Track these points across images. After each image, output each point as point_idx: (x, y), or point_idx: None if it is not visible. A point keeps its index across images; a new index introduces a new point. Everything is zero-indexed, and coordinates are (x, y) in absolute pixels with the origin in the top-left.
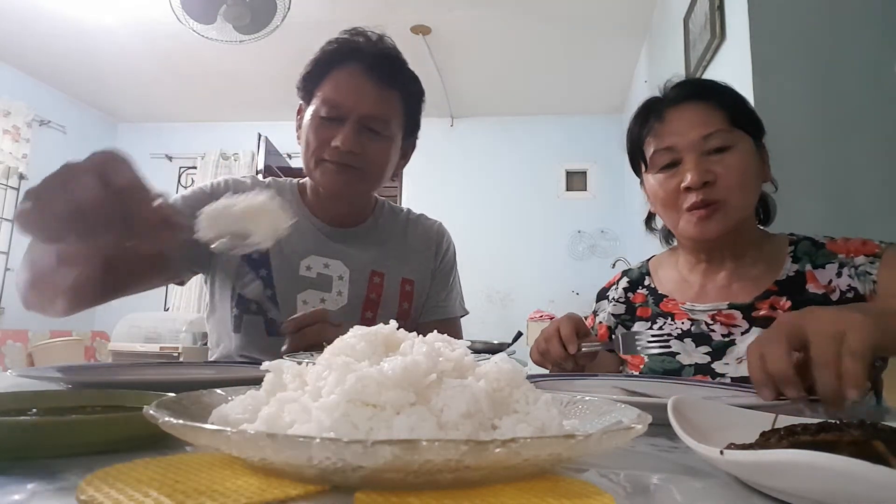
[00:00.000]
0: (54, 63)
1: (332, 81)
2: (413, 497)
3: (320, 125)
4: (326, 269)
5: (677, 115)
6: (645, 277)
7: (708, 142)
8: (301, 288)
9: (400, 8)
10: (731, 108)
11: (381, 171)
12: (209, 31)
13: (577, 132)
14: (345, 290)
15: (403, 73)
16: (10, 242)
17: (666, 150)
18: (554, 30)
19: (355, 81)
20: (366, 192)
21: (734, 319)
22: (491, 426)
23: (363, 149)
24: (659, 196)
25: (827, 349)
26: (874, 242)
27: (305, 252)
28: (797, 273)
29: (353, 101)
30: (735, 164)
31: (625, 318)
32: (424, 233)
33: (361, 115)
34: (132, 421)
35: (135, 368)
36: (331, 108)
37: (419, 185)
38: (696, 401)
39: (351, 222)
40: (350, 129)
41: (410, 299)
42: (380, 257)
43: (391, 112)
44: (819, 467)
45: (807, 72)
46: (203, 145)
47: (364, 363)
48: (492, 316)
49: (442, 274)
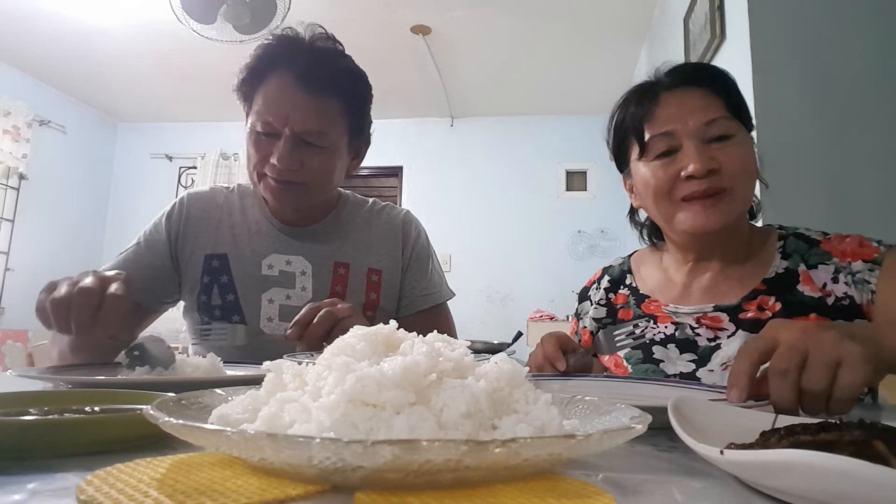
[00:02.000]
0: (54, 63)
1: (263, 93)
2: (413, 497)
3: (257, 140)
4: (288, 266)
5: (675, 100)
6: (626, 275)
7: (710, 129)
8: (265, 287)
9: (400, 8)
10: (728, 95)
11: (325, 180)
12: (209, 31)
13: (577, 132)
14: (308, 285)
15: (340, 77)
16: (11, 242)
17: (664, 136)
18: (554, 30)
19: (286, 93)
20: (313, 201)
21: (720, 322)
22: (491, 426)
23: (302, 163)
24: (651, 185)
25: (819, 380)
26: (872, 244)
27: (266, 252)
28: (787, 271)
29: (285, 117)
30: (738, 153)
31: (606, 321)
32: (389, 222)
33: (295, 130)
34: (132, 421)
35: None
36: (264, 123)
37: (419, 185)
38: (696, 401)
39: (312, 220)
40: (285, 146)
41: (378, 289)
42: (344, 248)
43: (328, 122)
44: (819, 467)
45: (807, 72)
46: (203, 145)
47: (364, 363)
48: (492, 316)
49: (417, 262)
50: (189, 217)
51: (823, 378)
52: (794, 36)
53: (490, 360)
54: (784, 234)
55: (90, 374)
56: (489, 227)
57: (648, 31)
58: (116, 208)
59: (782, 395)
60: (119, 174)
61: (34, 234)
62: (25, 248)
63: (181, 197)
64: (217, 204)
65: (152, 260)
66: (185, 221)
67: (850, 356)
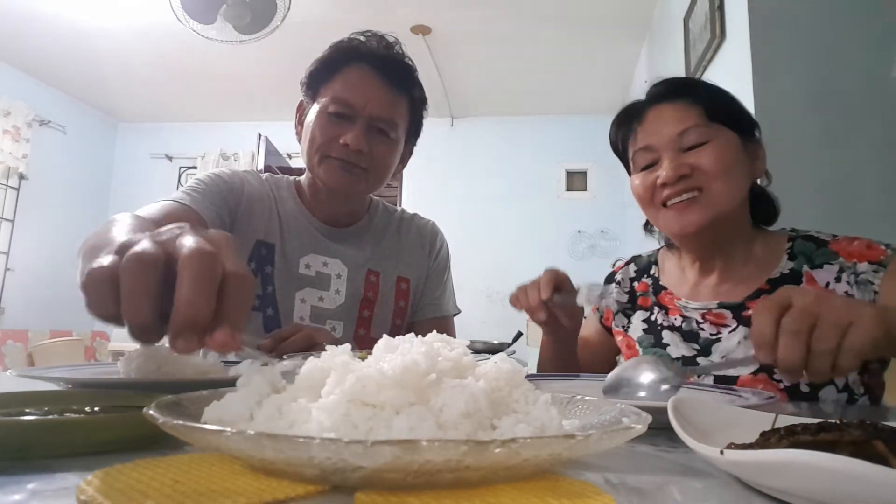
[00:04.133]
0: (54, 63)
1: (343, 79)
2: (413, 497)
3: (328, 122)
4: (325, 268)
5: (654, 116)
6: (652, 266)
7: (684, 138)
8: (299, 286)
9: (400, 8)
10: (707, 102)
11: (384, 172)
12: (209, 31)
13: (577, 132)
14: (342, 289)
15: (412, 79)
16: (11, 242)
17: (644, 150)
18: (554, 30)
19: (367, 82)
20: (366, 191)
21: (724, 319)
22: (490, 426)
23: (370, 149)
24: (638, 194)
25: (829, 338)
26: (880, 247)
27: (304, 250)
28: (792, 271)
29: (365, 101)
30: (712, 154)
31: (626, 306)
32: (418, 231)
33: (372, 115)
34: (132, 421)
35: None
36: (341, 105)
37: (419, 185)
38: (696, 401)
39: (347, 221)
40: (360, 129)
41: (406, 297)
42: (375, 256)
43: (399, 115)
44: (819, 467)
45: (807, 72)
46: (203, 145)
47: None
48: (492, 316)
49: (436, 272)
50: (252, 193)
51: (833, 337)
52: (794, 36)
53: (490, 360)
54: (794, 235)
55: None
56: (489, 226)
57: (648, 31)
58: (116, 208)
59: (791, 354)
60: (119, 174)
61: (34, 234)
62: (25, 248)
63: (234, 170)
64: (267, 189)
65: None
66: (247, 195)
67: (860, 318)
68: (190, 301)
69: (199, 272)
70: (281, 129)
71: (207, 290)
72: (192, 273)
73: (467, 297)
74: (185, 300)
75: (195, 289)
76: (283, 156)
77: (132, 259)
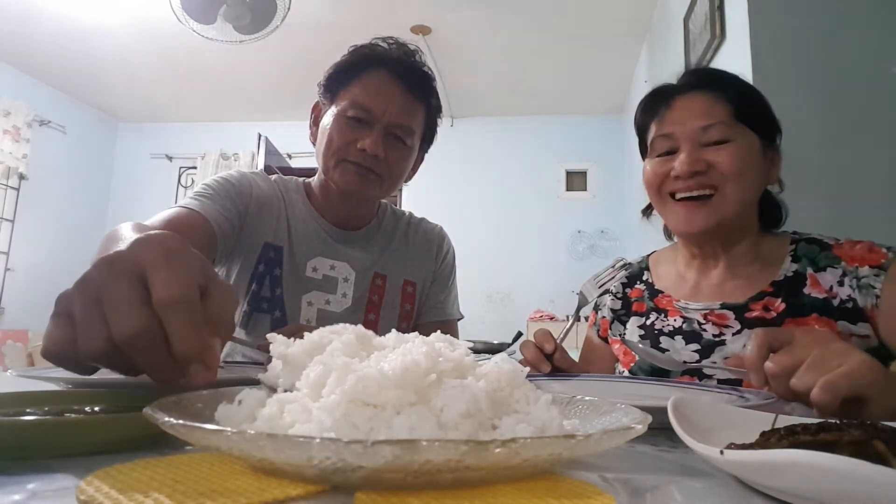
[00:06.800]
0: (54, 63)
1: (362, 84)
2: (413, 497)
3: (346, 125)
4: (332, 271)
5: (682, 104)
6: (644, 272)
7: (706, 133)
8: (306, 289)
9: (400, 8)
10: (737, 101)
11: (398, 178)
12: (209, 31)
13: (577, 132)
14: (349, 292)
15: (431, 88)
16: (11, 242)
17: (664, 137)
18: (554, 30)
19: (387, 87)
20: (379, 197)
21: (726, 320)
22: (491, 426)
23: (386, 155)
24: (648, 180)
25: (807, 379)
26: (881, 250)
27: (312, 253)
28: (796, 274)
29: (384, 107)
30: (731, 155)
31: (620, 312)
32: (425, 236)
33: (390, 122)
34: (132, 421)
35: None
36: (360, 110)
37: (419, 185)
38: (696, 401)
39: (356, 224)
40: (378, 134)
41: (412, 301)
42: (382, 260)
43: (416, 123)
44: (819, 467)
45: (807, 72)
46: (203, 145)
47: (364, 363)
48: (492, 316)
49: (442, 276)
50: (260, 196)
51: (810, 380)
52: (794, 36)
53: (490, 360)
54: (797, 238)
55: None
56: (489, 227)
57: (648, 32)
58: (116, 208)
59: (778, 392)
60: (119, 174)
61: (34, 234)
62: (25, 248)
63: (242, 172)
64: (276, 191)
65: (225, 213)
66: (256, 198)
67: (848, 360)
68: (188, 350)
69: (182, 321)
70: (281, 129)
71: (196, 332)
72: (177, 321)
73: (467, 298)
74: (181, 351)
75: (185, 336)
76: (283, 156)
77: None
